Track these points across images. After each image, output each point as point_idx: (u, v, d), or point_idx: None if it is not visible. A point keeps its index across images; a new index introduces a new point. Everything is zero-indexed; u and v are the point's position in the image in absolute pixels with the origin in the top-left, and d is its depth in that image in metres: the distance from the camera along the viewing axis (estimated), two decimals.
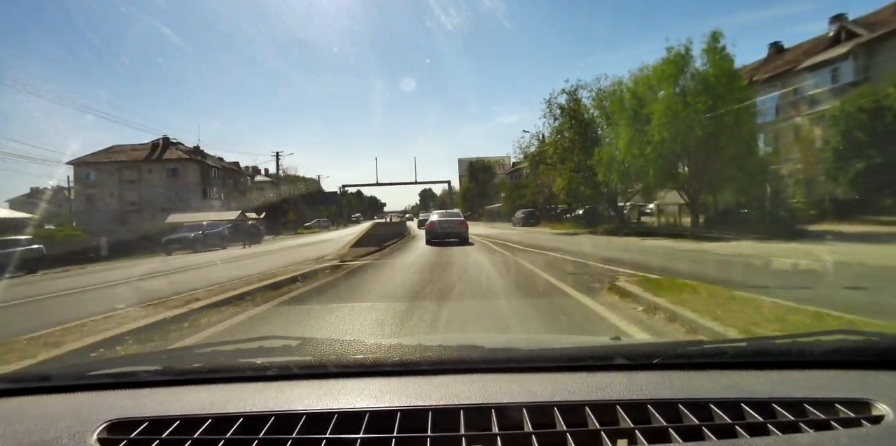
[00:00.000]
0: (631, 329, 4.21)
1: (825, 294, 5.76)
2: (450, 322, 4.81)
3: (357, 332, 4.44)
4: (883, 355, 1.14)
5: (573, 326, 4.43)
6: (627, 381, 1.02)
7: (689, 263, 9.77)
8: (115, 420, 0.92)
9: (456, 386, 1.02)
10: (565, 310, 5.17)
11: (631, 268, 8.46)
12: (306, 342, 1.38)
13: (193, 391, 1.07)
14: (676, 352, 1.13)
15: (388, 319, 4.96)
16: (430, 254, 13.46)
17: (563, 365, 1.11)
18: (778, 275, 7.90)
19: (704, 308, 4.26)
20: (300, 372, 1.12)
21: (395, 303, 5.87)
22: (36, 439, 0.87)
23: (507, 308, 5.40)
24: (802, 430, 0.84)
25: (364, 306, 5.90)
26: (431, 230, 17.49)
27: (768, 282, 6.78)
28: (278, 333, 4.49)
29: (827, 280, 7.19)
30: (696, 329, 3.87)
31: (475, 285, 7.36)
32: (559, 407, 0.91)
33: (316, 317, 5.33)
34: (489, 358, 1.15)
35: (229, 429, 0.88)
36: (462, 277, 8.30)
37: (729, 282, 6.17)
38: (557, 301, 5.73)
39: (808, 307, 4.21)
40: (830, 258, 9.27)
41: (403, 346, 1.24)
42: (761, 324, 3.63)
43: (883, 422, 0.86)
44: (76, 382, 1.12)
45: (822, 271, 8.16)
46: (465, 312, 5.37)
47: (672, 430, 0.84)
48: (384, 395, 0.99)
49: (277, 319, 5.23)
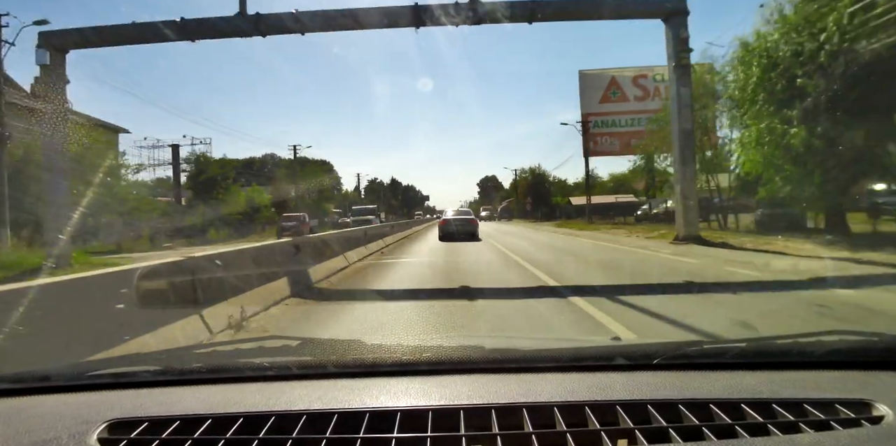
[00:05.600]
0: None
1: None
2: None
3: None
4: (883, 355, 1.14)
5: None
6: (627, 381, 1.02)
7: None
8: (115, 420, 0.92)
9: (456, 387, 1.02)
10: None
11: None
12: (306, 342, 1.38)
13: (193, 391, 1.07)
14: (676, 353, 1.13)
15: None
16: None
17: (564, 366, 1.12)
18: None
19: None
20: (300, 372, 1.12)
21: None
22: (36, 439, 0.87)
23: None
24: (803, 431, 0.84)
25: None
26: (445, 227, 18.61)
27: None
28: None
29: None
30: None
31: None
32: (559, 408, 0.91)
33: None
34: (489, 359, 1.15)
35: (229, 429, 0.88)
36: None
37: None
38: None
39: None
40: None
41: (403, 346, 1.25)
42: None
43: (883, 423, 0.86)
44: (76, 382, 1.12)
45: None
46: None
47: (672, 430, 0.84)
48: (384, 395, 0.99)
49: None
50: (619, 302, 5.47)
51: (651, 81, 34.02)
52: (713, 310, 5.15)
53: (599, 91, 35.24)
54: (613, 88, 35.24)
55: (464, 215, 19.75)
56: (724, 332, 4.10)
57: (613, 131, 35.13)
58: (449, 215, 19.86)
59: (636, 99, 34.63)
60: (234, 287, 4.93)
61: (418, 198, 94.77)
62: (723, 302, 5.58)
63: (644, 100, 33.99)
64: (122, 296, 3.31)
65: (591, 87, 35.44)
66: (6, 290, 2.63)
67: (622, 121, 34.85)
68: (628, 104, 34.76)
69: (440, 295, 6.85)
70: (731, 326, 4.36)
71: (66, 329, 2.81)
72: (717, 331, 4.14)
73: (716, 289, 6.33)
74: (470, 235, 18.18)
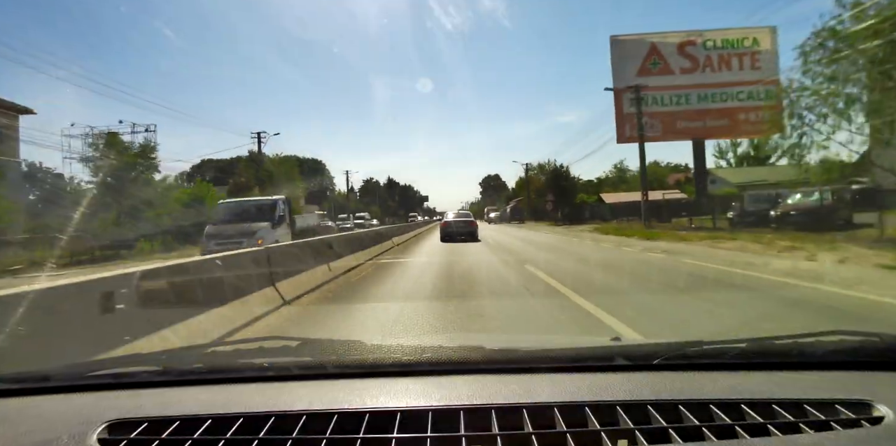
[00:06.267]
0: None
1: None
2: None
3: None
4: (883, 355, 1.14)
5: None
6: (628, 382, 1.02)
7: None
8: (115, 420, 0.92)
9: (456, 387, 1.02)
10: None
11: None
12: (306, 342, 1.37)
13: (193, 391, 1.07)
14: (677, 353, 1.13)
15: None
16: None
17: (564, 366, 1.11)
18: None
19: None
20: (300, 372, 1.12)
21: None
22: (36, 439, 0.87)
23: None
24: (803, 431, 0.84)
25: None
26: (446, 229, 19.93)
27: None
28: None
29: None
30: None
31: None
32: (559, 408, 0.91)
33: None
34: (489, 359, 1.15)
35: (229, 429, 0.88)
36: None
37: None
38: None
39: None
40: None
41: (403, 347, 1.24)
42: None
43: (883, 423, 0.86)
44: (76, 382, 1.12)
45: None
46: None
47: (672, 431, 0.84)
48: (384, 396, 0.99)
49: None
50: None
51: (701, 49, 27.16)
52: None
53: (636, 61, 27.55)
54: (654, 58, 27.49)
55: (464, 217, 21.13)
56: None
57: (654, 111, 26.85)
58: (450, 217, 21.22)
59: (682, 71, 27.37)
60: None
61: (417, 199, 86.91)
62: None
63: (692, 72, 27.23)
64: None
65: (625, 57, 27.59)
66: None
67: (665, 98, 27.20)
68: (672, 77, 27.35)
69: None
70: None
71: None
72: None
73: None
74: (470, 236, 19.24)
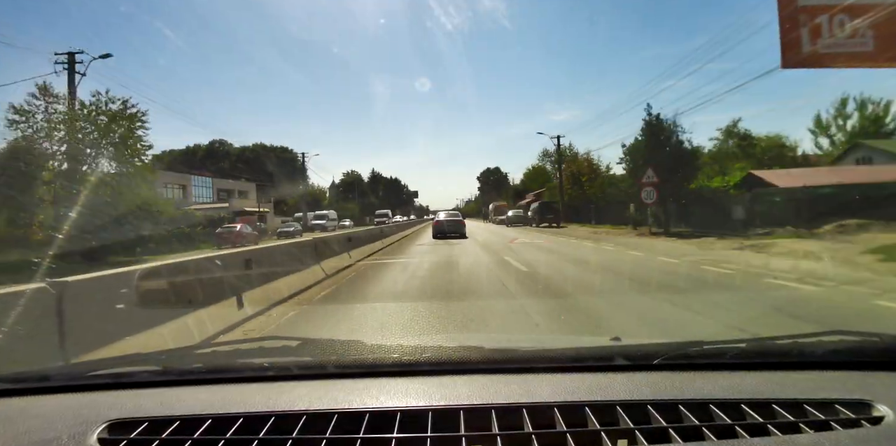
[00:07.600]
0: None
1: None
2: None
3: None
4: (883, 355, 1.14)
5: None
6: (627, 382, 1.02)
7: None
8: (116, 420, 0.92)
9: (456, 387, 1.02)
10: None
11: None
12: (306, 342, 1.37)
13: (193, 391, 1.07)
14: (677, 353, 1.13)
15: None
16: None
17: (564, 366, 1.11)
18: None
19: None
20: (300, 372, 1.12)
21: None
22: (36, 439, 0.87)
23: None
24: (803, 431, 0.84)
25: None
26: (438, 227, 22.43)
27: None
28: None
29: None
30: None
31: None
32: (559, 408, 0.91)
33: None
34: (489, 359, 1.15)
35: (229, 429, 0.88)
36: None
37: None
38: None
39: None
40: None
41: (403, 347, 1.24)
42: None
43: (883, 423, 0.86)
44: (76, 382, 1.12)
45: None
46: None
47: (672, 431, 0.84)
48: (384, 396, 0.99)
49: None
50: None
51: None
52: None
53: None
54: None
55: (453, 217, 24.32)
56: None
57: (860, 3, 9.10)
58: (441, 217, 24.22)
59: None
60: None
61: (404, 195, 69.56)
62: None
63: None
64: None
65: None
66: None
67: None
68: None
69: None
70: None
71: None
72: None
73: None
74: (459, 234, 21.88)
